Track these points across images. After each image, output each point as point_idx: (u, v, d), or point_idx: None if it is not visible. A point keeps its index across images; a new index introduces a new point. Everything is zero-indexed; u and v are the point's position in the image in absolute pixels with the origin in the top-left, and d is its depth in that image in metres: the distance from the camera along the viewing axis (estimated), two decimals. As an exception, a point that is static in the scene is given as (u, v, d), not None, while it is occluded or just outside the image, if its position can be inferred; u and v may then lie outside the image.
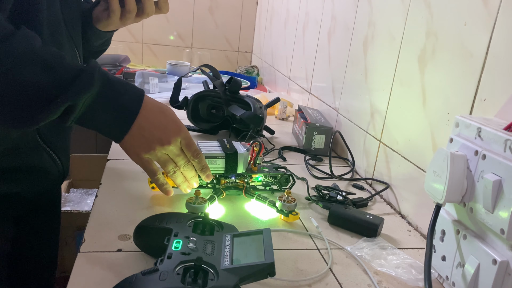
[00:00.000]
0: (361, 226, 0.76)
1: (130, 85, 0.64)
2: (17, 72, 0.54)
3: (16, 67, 0.54)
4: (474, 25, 0.70)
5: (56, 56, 0.58)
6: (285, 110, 1.52)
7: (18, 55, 0.54)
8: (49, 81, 0.56)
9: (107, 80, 0.61)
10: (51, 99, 0.56)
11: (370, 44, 1.06)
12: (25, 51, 0.55)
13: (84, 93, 0.57)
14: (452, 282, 0.61)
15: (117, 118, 0.63)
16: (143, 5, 0.83)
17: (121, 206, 0.75)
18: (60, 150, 0.78)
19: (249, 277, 0.53)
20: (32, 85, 0.55)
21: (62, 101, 0.56)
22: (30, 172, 0.74)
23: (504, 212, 0.51)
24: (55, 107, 0.56)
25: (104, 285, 0.55)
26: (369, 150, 1.04)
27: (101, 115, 0.61)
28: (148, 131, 0.65)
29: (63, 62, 0.58)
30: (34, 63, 0.55)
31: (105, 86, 0.61)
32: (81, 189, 1.94)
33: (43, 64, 0.56)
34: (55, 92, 0.56)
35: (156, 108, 0.67)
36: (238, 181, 0.86)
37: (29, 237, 0.81)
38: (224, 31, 2.43)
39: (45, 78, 0.55)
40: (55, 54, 0.58)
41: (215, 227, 0.62)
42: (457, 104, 0.73)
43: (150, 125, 0.65)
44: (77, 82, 0.57)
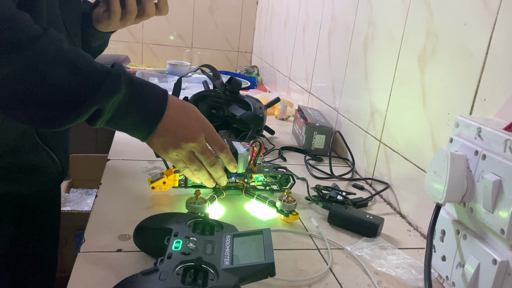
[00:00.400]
0: (361, 226, 0.76)
1: (154, 86, 0.65)
2: (46, 75, 0.54)
3: (45, 69, 0.54)
4: (474, 25, 0.70)
5: (84, 58, 0.58)
6: (285, 110, 1.52)
7: (48, 58, 0.54)
8: (77, 84, 0.56)
9: (133, 82, 0.62)
10: (79, 102, 0.57)
11: (370, 44, 1.06)
12: (54, 54, 0.55)
13: (112, 97, 0.58)
14: (452, 282, 0.61)
15: (143, 120, 0.64)
16: (143, 7, 0.83)
17: (121, 206, 0.75)
18: (59, 150, 0.78)
19: (249, 277, 0.53)
20: (61, 88, 0.55)
21: (90, 104, 0.57)
22: (30, 172, 0.74)
23: (504, 212, 0.51)
24: (83, 111, 0.57)
25: (104, 285, 0.55)
26: (369, 150, 1.04)
27: (128, 117, 0.62)
28: (173, 130, 0.66)
29: (90, 64, 0.58)
30: (63, 65, 0.56)
31: (131, 88, 0.61)
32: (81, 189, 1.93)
33: (72, 67, 0.56)
34: (83, 95, 0.57)
35: (180, 107, 0.68)
36: (238, 181, 0.85)
37: (29, 236, 0.81)
38: (224, 31, 2.44)
39: (73, 81, 0.56)
40: (82, 55, 0.58)
41: (215, 227, 0.62)
42: (457, 104, 0.73)
43: (175, 124, 0.66)
44: (104, 85, 0.58)
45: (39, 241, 0.84)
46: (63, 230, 1.60)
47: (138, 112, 0.63)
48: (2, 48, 0.51)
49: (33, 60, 0.53)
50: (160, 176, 0.81)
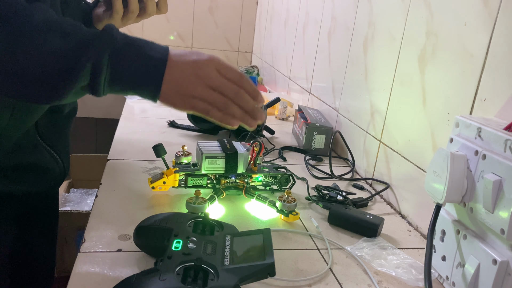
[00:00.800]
0: (361, 226, 0.76)
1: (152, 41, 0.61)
2: (37, 41, 0.53)
3: (35, 36, 0.53)
4: (474, 25, 0.70)
5: (74, 24, 0.56)
6: (285, 110, 1.52)
7: (37, 24, 0.53)
8: (69, 47, 0.54)
9: (127, 36, 0.59)
10: (73, 64, 0.54)
11: (370, 44, 1.06)
12: (43, 20, 0.54)
13: (106, 49, 0.55)
14: (452, 282, 0.61)
15: (148, 70, 0.59)
16: (144, 5, 0.83)
17: (121, 206, 0.75)
18: (60, 149, 0.78)
19: (249, 277, 0.53)
20: (53, 53, 0.54)
21: (84, 61, 0.54)
22: (32, 171, 0.74)
23: (504, 212, 0.51)
24: (79, 70, 0.54)
25: (104, 285, 0.55)
26: (369, 150, 1.04)
27: (130, 70, 0.58)
28: (181, 73, 0.60)
29: (81, 29, 0.56)
30: (53, 31, 0.54)
31: (126, 40, 0.58)
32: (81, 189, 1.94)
33: (62, 32, 0.54)
34: (76, 55, 0.54)
35: (181, 52, 0.63)
36: (238, 181, 0.86)
37: (28, 236, 0.81)
38: (224, 31, 2.43)
39: (65, 44, 0.54)
40: (72, 22, 0.57)
41: (215, 227, 0.62)
42: (457, 104, 0.73)
43: (181, 66, 0.61)
44: (97, 41, 0.55)
45: (38, 242, 0.84)
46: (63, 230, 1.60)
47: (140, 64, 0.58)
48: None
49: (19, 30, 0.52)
50: (160, 176, 0.81)
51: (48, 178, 0.78)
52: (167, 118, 1.28)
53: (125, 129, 1.17)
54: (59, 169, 0.79)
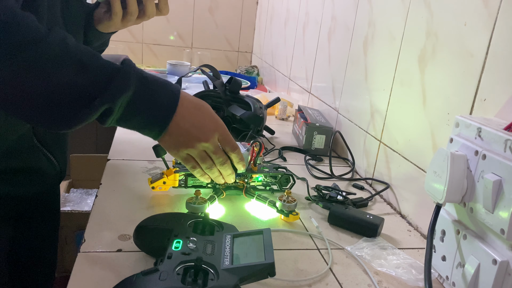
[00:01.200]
0: (361, 226, 0.76)
1: (166, 83, 0.63)
2: (53, 74, 0.53)
3: (52, 69, 0.53)
4: (474, 25, 0.70)
5: (91, 55, 0.57)
6: (285, 110, 1.52)
7: (54, 56, 0.53)
8: (85, 83, 0.55)
9: (143, 78, 0.60)
10: (88, 101, 0.55)
11: (370, 44, 1.06)
12: (60, 53, 0.54)
13: (121, 94, 0.57)
14: (452, 282, 0.61)
15: (155, 118, 0.62)
16: (144, 7, 0.83)
17: (121, 206, 0.75)
18: (57, 151, 0.78)
19: (249, 277, 0.53)
20: (69, 87, 0.54)
21: (99, 103, 0.55)
22: (27, 173, 0.74)
23: (504, 212, 0.51)
24: (93, 110, 0.55)
25: (104, 285, 0.55)
26: (369, 150, 1.04)
27: (139, 115, 0.60)
28: (185, 129, 0.64)
29: (98, 61, 0.57)
30: (70, 64, 0.54)
31: (141, 85, 0.60)
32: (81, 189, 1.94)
33: (79, 65, 0.55)
34: (92, 93, 0.55)
35: (193, 105, 0.66)
36: (238, 181, 0.85)
37: (28, 237, 0.81)
38: (224, 31, 2.43)
39: (81, 79, 0.55)
40: (90, 53, 0.57)
41: (215, 227, 0.62)
42: (457, 104, 0.73)
43: (187, 123, 0.64)
44: (114, 83, 0.56)
45: (38, 242, 0.84)
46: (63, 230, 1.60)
47: (149, 111, 0.61)
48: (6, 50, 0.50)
49: (37, 60, 0.52)
50: (160, 176, 0.81)
51: (43, 180, 0.77)
52: (167, 118, 1.28)
53: (125, 129, 1.17)
54: (55, 171, 0.78)
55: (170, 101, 0.63)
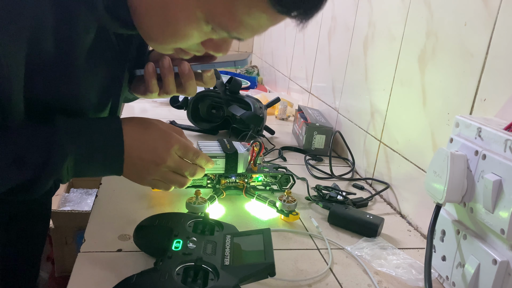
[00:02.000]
0: (361, 226, 0.76)
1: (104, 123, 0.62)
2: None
3: None
4: (474, 25, 0.70)
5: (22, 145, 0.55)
6: (285, 110, 1.52)
7: None
8: (27, 175, 0.55)
9: (78, 138, 0.59)
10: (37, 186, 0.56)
11: (370, 44, 1.06)
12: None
13: (61, 165, 0.57)
14: (452, 282, 0.61)
15: (106, 164, 0.61)
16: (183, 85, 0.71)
17: (121, 206, 0.75)
18: None
19: (249, 277, 0.53)
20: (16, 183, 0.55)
21: (45, 181, 0.56)
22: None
23: (504, 212, 0.51)
24: (43, 187, 0.56)
25: (104, 285, 0.55)
26: (369, 150, 1.04)
27: (90, 169, 0.61)
28: (139, 158, 0.63)
29: (30, 149, 0.56)
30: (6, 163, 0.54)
31: (80, 145, 0.59)
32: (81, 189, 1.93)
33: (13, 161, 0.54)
34: (35, 180, 0.56)
35: (138, 131, 0.64)
36: (238, 181, 0.85)
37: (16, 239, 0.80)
38: (224, 31, 2.43)
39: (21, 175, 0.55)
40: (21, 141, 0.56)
41: (215, 227, 0.62)
42: (457, 104, 0.73)
43: (139, 151, 0.63)
44: (50, 162, 0.56)
45: (25, 243, 0.83)
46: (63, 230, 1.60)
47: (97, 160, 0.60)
48: None
49: None
50: (160, 176, 0.81)
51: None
52: (167, 118, 1.28)
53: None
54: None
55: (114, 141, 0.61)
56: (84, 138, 0.59)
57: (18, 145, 0.56)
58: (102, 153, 0.60)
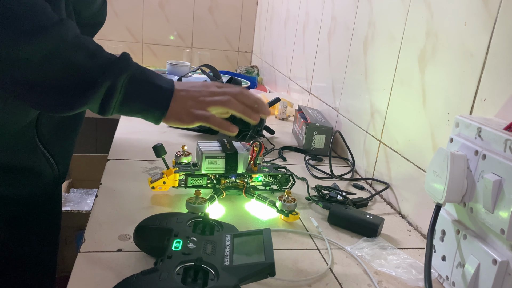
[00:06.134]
0: (361, 226, 0.76)
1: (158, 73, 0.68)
2: (69, 57, 0.57)
3: (68, 51, 0.57)
4: (474, 25, 0.70)
5: (97, 46, 0.62)
6: (285, 110, 1.52)
7: (69, 39, 0.58)
8: (92, 66, 0.59)
9: (140, 66, 0.65)
10: (92, 82, 0.59)
11: (370, 44, 1.06)
12: (74, 37, 0.59)
13: (121, 73, 0.61)
14: (452, 282, 0.61)
15: (157, 96, 0.65)
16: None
17: (121, 206, 0.75)
18: (60, 155, 0.77)
19: (249, 277, 0.53)
20: (79, 70, 0.58)
21: (102, 81, 0.59)
22: (23, 174, 0.73)
23: (504, 212, 0.51)
24: (96, 89, 0.59)
25: (104, 285, 0.55)
26: (369, 150, 1.04)
27: (141, 95, 0.63)
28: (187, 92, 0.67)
29: (102, 51, 0.62)
30: (82, 48, 0.59)
31: (139, 69, 0.64)
32: (81, 189, 1.94)
33: (89, 51, 0.59)
34: (97, 75, 0.59)
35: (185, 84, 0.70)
36: (238, 181, 0.86)
37: (25, 238, 0.80)
38: (224, 31, 2.43)
39: (90, 63, 0.59)
40: (96, 44, 0.62)
41: (215, 227, 0.62)
42: (457, 104, 0.73)
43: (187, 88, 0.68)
44: (114, 65, 0.61)
45: (35, 244, 0.83)
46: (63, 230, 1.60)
47: (150, 88, 0.64)
48: (27, 31, 0.53)
49: (56, 43, 0.56)
50: (160, 176, 0.81)
51: (39, 182, 0.77)
52: (167, 118, 1.28)
53: (125, 129, 1.17)
54: (54, 175, 0.78)
55: (167, 82, 0.67)
56: (144, 68, 0.65)
57: (93, 43, 0.62)
58: (155, 83, 0.65)
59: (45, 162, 0.75)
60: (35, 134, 0.72)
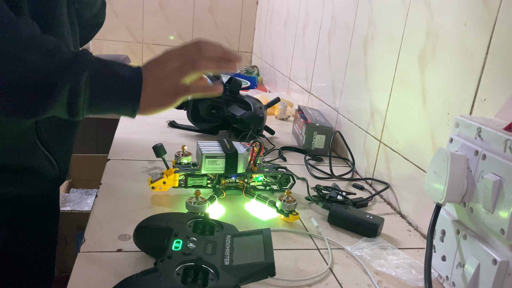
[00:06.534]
0: (361, 226, 0.76)
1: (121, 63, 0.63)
2: (21, 56, 0.54)
3: (21, 50, 0.54)
4: (474, 25, 0.70)
5: (56, 43, 0.58)
6: (285, 110, 1.52)
7: (23, 39, 0.55)
8: (50, 67, 0.56)
9: (101, 60, 0.61)
10: (52, 85, 0.56)
11: (370, 44, 1.06)
12: (29, 36, 0.56)
13: (82, 72, 0.57)
14: (452, 282, 0.61)
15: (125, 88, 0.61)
16: None
17: (121, 206, 0.75)
18: (60, 155, 0.78)
19: (249, 277, 0.53)
20: (35, 70, 0.55)
21: (62, 84, 0.56)
22: (25, 173, 0.73)
23: (504, 212, 0.51)
24: (57, 92, 0.56)
25: (104, 285, 0.55)
26: (369, 150, 1.04)
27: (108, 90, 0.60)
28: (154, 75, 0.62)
29: (61, 49, 0.58)
30: (38, 48, 0.56)
31: (100, 63, 0.60)
32: (81, 189, 1.94)
33: (45, 50, 0.56)
34: (55, 77, 0.56)
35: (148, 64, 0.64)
36: (238, 181, 0.86)
37: (24, 238, 0.80)
38: (224, 31, 2.43)
39: (46, 63, 0.56)
40: (54, 41, 0.58)
41: (215, 227, 0.62)
42: (457, 104, 0.73)
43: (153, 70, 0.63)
44: (73, 64, 0.57)
45: (33, 244, 0.83)
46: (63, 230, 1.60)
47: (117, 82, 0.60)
48: None
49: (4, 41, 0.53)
50: (160, 176, 0.81)
51: (41, 182, 0.77)
52: (167, 118, 1.28)
53: (125, 129, 1.17)
54: (54, 174, 0.78)
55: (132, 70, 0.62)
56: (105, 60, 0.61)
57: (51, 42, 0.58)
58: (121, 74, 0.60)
59: (46, 162, 0.75)
60: (34, 134, 0.72)
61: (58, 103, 0.56)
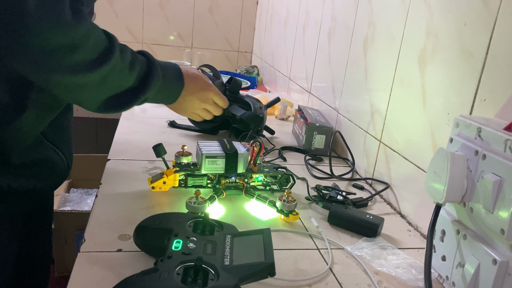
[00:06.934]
0: (361, 226, 0.76)
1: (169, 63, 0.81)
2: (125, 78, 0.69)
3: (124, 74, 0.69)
4: (474, 25, 0.70)
5: (133, 54, 0.71)
6: (285, 110, 1.52)
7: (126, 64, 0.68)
8: (135, 84, 0.71)
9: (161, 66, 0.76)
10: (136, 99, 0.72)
11: (370, 44, 1.06)
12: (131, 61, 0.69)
13: (156, 86, 0.74)
14: (452, 282, 0.61)
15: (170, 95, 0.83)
16: None
17: (121, 206, 0.75)
18: (62, 146, 0.80)
19: (249, 277, 0.53)
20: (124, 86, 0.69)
21: (142, 95, 0.72)
22: (40, 166, 0.75)
23: (504, 212, 0.51)
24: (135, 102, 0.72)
25: (104, 285, 0.55)
26: (369, 150, 1.04)
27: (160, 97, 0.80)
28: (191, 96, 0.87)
29: (138, 59, 0.71)
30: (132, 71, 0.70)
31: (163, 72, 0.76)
32: (81, 189, 1.94)
33: (133, 69, 0.70)
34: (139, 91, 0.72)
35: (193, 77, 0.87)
36: (238, 181, 0.86)
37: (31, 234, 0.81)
38: (224, 31, 2.43)
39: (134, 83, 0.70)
40: (133, 52, 0.71)
41: (215, 227, 0.62)
42: (457, 104, 0.73)
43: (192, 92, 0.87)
44: (149, 78, 0.72)
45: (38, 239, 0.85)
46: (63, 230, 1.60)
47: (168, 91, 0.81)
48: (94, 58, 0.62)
49: (112, 67, 0.64)
50: (160, 176, 0.81)
51: (55, 172, 0.79)
52: (167, 118, 1.28)
53: (125, 129, 1.17)
54: (64, 164, 0.80)
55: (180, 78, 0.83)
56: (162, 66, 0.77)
57: (131, 53, 0.71)
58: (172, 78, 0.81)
59: (54, 154, 0.78)
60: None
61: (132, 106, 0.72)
